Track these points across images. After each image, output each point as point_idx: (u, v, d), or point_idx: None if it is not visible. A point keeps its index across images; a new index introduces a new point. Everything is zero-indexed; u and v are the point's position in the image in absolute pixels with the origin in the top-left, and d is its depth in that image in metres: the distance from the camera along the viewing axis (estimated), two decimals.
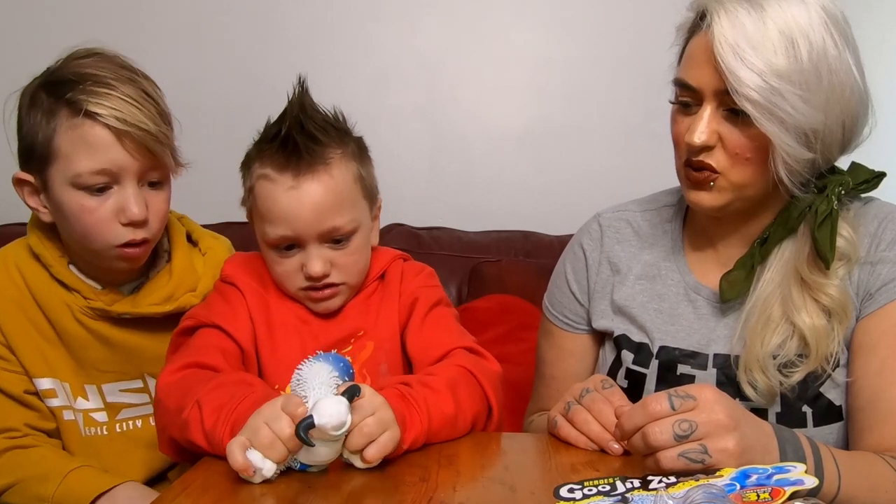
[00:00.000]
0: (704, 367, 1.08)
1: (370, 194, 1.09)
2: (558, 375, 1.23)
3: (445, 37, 2.20)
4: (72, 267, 1.16)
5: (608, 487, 0.75)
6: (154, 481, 1.20)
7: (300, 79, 1.03)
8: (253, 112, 1.08)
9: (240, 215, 1.14)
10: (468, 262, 1.97)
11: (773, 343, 1.02)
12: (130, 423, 1.20)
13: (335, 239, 1.03)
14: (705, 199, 1.03)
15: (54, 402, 1.17)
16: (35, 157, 1.05)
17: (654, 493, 0.72)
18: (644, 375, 1.11)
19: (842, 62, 0.96)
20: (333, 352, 0.90)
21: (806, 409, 1.03)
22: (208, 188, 1.19)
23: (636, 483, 0.76)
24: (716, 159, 1.00)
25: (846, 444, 1.03)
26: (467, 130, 2.22)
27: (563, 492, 0.75)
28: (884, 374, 0.99)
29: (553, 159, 2.21)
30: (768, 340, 1.02)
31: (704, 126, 0.98)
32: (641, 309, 1.14)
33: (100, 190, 1.05)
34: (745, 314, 1.05)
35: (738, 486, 0.71)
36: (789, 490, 0.68)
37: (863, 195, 1.08)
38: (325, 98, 1.07)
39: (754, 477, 0.72)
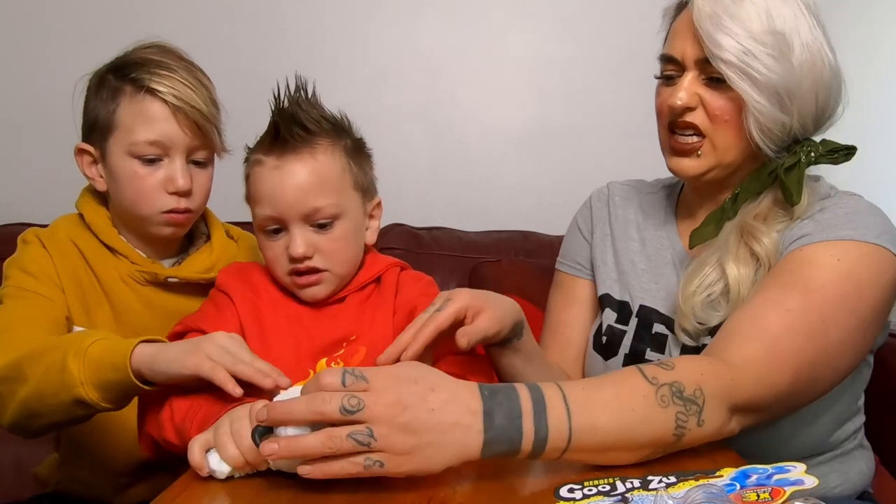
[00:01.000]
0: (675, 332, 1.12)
1: (362, 188, 1.09)
2: (566, 320, 1.27)
3: (445, 37, 2.20)
4: (120, 236, 1.22)
5: (608, 487, 0.75)
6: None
7: (297, 77, 1.04)
8: (252, 112, 1.09)
9: (240, 214, 1.15)
10: (468, 262, 1.97)
11: (703, 284, 1.06)
12: None
13: (319, 223, 1.04)
14: (687, 165, 1.09)
15: None
16: (97, 129, 1.17)
17: (654, 493, 0.72)
18: (624, 332, 1.16)
19: (814, 38, 1.04)
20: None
21: None
22: None
23: (636, 483, 0.76)
24: (699, 119, 1.06)
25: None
26: (467, 131, 2.22)
27: (563, 492, 0.75)
28: (750, 300, 0.99)
29: (553, 159, 2.21)
30: (698, 282, 1.06)
31: (685, 88, 1.06)
32: (630, 266, 1.20)
33: (151, 161, 1.15)
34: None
35: (738, 486, 0.71)
36: (789, 490, 0.68)
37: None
38: (323, 98, 1.08)
39: (754, 477, 0.72)
